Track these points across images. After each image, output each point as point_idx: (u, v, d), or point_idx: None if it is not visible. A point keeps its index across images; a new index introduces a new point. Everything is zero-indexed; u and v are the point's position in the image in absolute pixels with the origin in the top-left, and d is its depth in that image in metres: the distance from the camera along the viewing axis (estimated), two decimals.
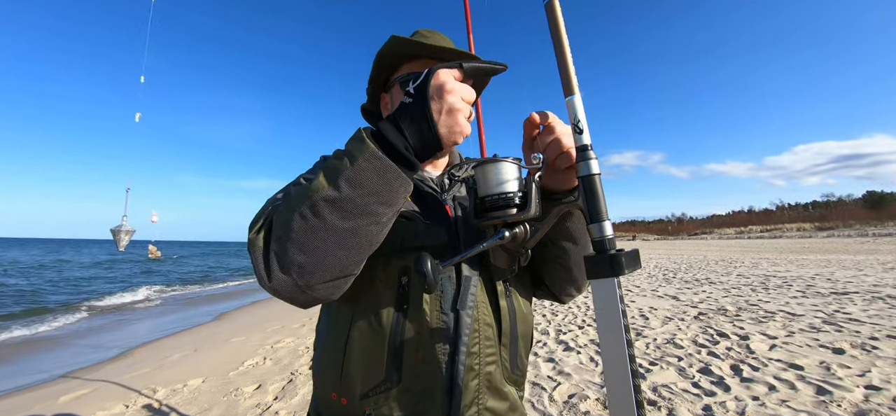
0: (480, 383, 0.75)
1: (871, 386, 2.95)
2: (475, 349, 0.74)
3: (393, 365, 0.73)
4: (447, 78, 0.56)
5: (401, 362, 0.73)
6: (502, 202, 0.57)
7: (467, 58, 0.86)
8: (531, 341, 0.90)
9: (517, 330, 0.82)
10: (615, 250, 0.48)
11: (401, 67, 0.89)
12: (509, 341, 0.80)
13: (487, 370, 0.76)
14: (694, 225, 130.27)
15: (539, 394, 3.15)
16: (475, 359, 0.74)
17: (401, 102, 0.58)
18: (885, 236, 42.71)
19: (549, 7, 0.51)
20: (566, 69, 0.51)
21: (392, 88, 0.91)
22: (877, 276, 9.04)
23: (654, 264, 15.75)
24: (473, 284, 0.77)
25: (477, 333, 0.75)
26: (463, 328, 0.74)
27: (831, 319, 5.05)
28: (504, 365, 0.79)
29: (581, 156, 0.52)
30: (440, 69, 0.56)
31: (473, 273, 0.78)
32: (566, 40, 0.52)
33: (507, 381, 0.80)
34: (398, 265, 0.75)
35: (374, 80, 0.93)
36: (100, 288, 16.00)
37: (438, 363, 0.73)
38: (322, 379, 0.81)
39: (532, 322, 0.89)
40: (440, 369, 0.73)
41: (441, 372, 0.73)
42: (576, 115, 0.51)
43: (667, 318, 5.57)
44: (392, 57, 0.88)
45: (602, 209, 0.50)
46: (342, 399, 0.76)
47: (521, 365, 0.84)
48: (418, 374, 0.73)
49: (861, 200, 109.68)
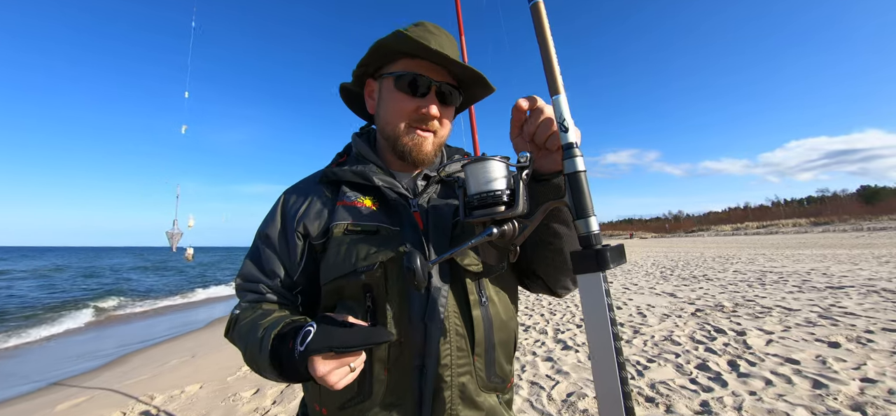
0: (453, 394, 0.75)
1: (866, 379, 2.98)
2: (446, 361, 0.75)
3: (364, 380, 0.75)
4: (324, 371, 0.64)
5: (371, 376, 0.75)
6: (490, 200, 0.58)
7: (461, 68, 0.85)
8: (514, 346, 0.90)
9: (493, 338, 0.82)
10: (601, 245, 0.49)
11: (398, 61, 0.87)
12: (484, 350, 0.80)
13: (460, 381, 0.76)
14: (691, 222, 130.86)
15: (538, 393, 3.16)
16: (446, 370, 0.75)
17: (287, 355, 0.68)
18: (879, 229, 43.00)
19: (535, 8, 0.52)
20: (551, 69, 0.52)
21: (383, 79, 0.89)
22: (872, 270, 9.10)
23: (651, 261, 15.80)
24: (443, 295, 0.77)
25: (448, 344, 0.75)
26: (431, 340, 0.75)
27: (827, 313, 5.09)
28: (479, 375, 0.79)
29: (567, 153, 0.53)
30: (317, 362, 0.64)
31: (443, 285, 0.78)
32: (551, 41, 0.53)
33: (483, 390, 0.80)
34: (360, 283, 0.77)
35: (367, 64, 0.91)
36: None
37: (408, 376, 0.75)
38: (307, 391, 0.86)
39: (515, 326, 0.89)
40: (411, 382, 0.75)
41: (411, 384, 0.75)
42: (561, 114, 0.52)
43: (664, 315, 5.59)
44: (393, 51, 0.86)
45: (588, 205, 0.50)
46: (323, 411, 0.80)
47: (500, 372, 0.84)
48: (389, 387, 0.75)
49: (855, 195, 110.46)
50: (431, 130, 0.87)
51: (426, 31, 0.86)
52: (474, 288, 0.80)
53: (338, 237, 0.81)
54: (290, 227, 0.86)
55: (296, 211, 0.87)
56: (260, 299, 0.86)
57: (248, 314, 0.82)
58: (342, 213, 0.83)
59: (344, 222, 0.82)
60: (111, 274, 27.23)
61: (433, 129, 0.87)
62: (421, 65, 0.85)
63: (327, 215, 0.85)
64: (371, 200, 0.86)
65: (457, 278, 0.80)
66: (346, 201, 0.85)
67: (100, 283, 21.33)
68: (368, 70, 0.93)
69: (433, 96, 0.85)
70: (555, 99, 0.53)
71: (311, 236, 0.84)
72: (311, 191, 0.90)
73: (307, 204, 0.87)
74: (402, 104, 0.85)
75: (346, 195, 0.86)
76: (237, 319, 0.84)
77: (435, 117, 0.85)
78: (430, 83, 0.84)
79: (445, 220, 0.84)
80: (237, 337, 0.82)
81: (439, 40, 0.85)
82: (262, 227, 0.89)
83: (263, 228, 0.89)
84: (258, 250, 0.88)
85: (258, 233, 0.90)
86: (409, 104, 0.85)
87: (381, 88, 0.90)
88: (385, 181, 0.86)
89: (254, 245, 0.90)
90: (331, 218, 0.84)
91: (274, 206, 0.91)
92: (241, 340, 0.79)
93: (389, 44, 0.83)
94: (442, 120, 0.88)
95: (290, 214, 0.87)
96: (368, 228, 0.81)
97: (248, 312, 0.84)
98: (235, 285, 0.90)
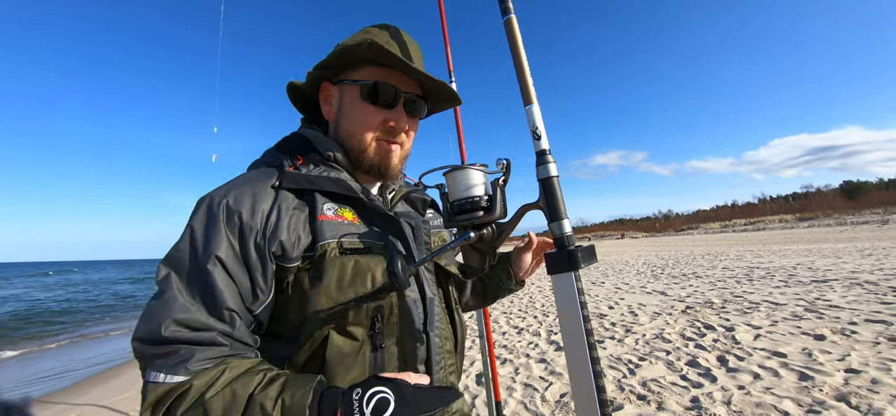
0: None
1: (850, 369, 3.05)
2: (440, 364, 0.79)
3: None
4: None
5: None
6: (470, 205, 0.60)
7: (428, 79, 0.81)
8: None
9: (464, 339, 0.90)
10: (573, 246, 0.52)
11: (363, 68, 0.80)
12: (462, 349, 0.88)
13: (450, 381, 0.81)
14: (680, 221, 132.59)
15: (531, 395, 3.18)
16: (441, 372, 0.79)
17: None
18: (862, 223, 44.04)
19: (508, 23, 0.55)
20: (524, 81, 0.55)
21: (345, 86, 0.82)
22: (855, 263, 9.33)
23: (642, 260, 15.97)
24: (436, 303, 0.81)
25: (440, 348, 0.79)
26: (434, 348, 0.78)
27: (812, 306, 5.20)
28: (458, 373, 0.86)
29: (540, 160, 0.55)
30: None
31: (435, 294, 0.81)
32: (524, 54, 0.56)
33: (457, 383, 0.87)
34: (371, 308, 0.71)
35: (327, 67, 0.81)
36: None
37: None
38: None
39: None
40: None
41: None
42: (534, 122, 0.55)
43: (655, 313, 5.66)
44: (359, 57, 0.78)
45: (560, 209, 0.53)
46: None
47: (462, 367, 0.93)
48: None
49: (838, 190, 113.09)
50: (398, 143, 0.83)
51: (396, 37, 0.82)
52: (454, 292, 0.88)
53: (334, 257, 0.69)
54: (252, 244, 0.65)
55: (258, 223, 0.66)
56: (221, 356, 0.60)
57: (218, 382, 0.56)
58: (329, 228, 0.72)
59: (334, 240, 0.70)
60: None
61: (400, 141, 0.84)
62: (389, 74, 0.79)
63: (308, 231, 0.71)
64: (351, 214, 0.77)
65: (440, 284, 0.85)
66: (328, 215, 0.73)
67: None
68: (327, 73, 0.84)
69: (401, 108, 0.81)
70: (528, 108, 0.56)
71: (288, 255, 0.67)
72: (268, 197, 0.70)
73: (273, 215, 0.68)
74: (369, 116, 0.79)
75: (324, 208, 0.74)
76: (199, 396, 0.55)
77: (403, 130, 0.82)
78: (399, 94, 0.80)
79: (423, 231, 0.85)
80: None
81: (408, 50, 0.81)
82: (203, 247, 0.63)
83: (207, 248, 0.63)
84: (206, 281, 0.61)
85: (199, 258, 0.62)
86: (377, 116, 0.79)
87: (342, 95, 0.83)
88: (369, 198, 0.79)
89: (193, 276, 0.62)
90: (317, 234, 0.70)
91: (213, 217, 0.65)
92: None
93: (358, 51, 0.75)
94: (408, 132, 0.85)
95: (248, 227, 0.65)
96: (366, 245, 0.74)
97: (213, 376, 0.57)
98: (154, 346, 0.57)
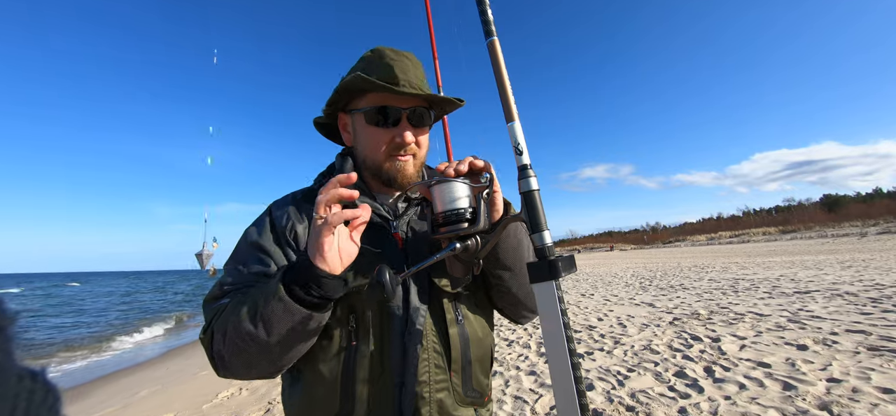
0: (432, 409, 0.79)
1: (832, 379, 3.12)
2: (424, 378, 0.78)
3: (346, 398, 0.77)
4: (327, 237, 0.68)
5: (354, 394, 0.77)
6: (454, 217, 0.62)
7: (426, 98, 0.89)
8: (490, 361, 0.94)
9: (470, 355, 0.85)
10: (554, 256, 0.54)
11: (365, 96, 0.89)
12: (460, 366, 0.84)
13: (438, 397, 0.80)
14: (667, 233, 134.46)
15: (521, 407, 3.18)
16: (425, 387, 0.78)
17: (298, 265, 0.70)
18: (842, 236, 45.25)
19: (491, 45, 0.58)
20: (506, 99, 0.58)
21: (354, 114, 0.91)
22: (835, 274, 9.57)
23: (631, 272, 16.14)
24: (421, 314, 0.81)
25: (426, 362, 0.79)
26: (410, 359, 0.78)
27: (795, 317, 5.31)
28: (455, 391, 0.83)
29: (522, 174, 0.58)
30: (324, 237, 0.67)
31: (422, 305, 0.82)
32: (506, 74, 0.58)
33: (460, 404, 0.84)
34: (346, 304, 0.79)
35: (335, 102, 0.93)
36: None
37: (389, 394, 0.78)
38: (289, 411, 0.85)
39: (490, 343, 0.93)
40: (391, 399, 0.78)
41: (392, 402, 0.78)
42: (516, 138, 0.57)
43: (643, 325, 5.72)
44: (358, 88, 0.87)
45: (541, 221, 0.56)
46: None
47: (478, 386, 0.88)
48: (370, 405, 0.77)
49: (819, 204, 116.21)
50: (410, 154, 0.89)
51: (387, 59, 0.87)
52: (451, 308, 0.84)
53: None
54: (283, 239, 0.85)
55: (287, 224, 0.86)
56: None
57: (237, 297, 0.76)
58: None
59: None
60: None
61: (412, 152, 0.89)
62: (388, 97, 0.86)
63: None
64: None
65: (434, 298, 0.84)
66: None
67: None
68: (338, 106, 0.95)
69: (405, 123, 0.87)
70: (510, 126, 0.58)
71: (301, 252, 0.83)
72: (298, 207, 0.89)
73: (297, 220, 0.87)
74: (377, 137, 0.87)
75: None
76: (221, 309, 0.77)
77: (411, 142, 0.87)
78: (401, 112, 0.86)
79: (423, 241, 0.87)
80: (223, 320, 0.74)
81: (402, 66, 0.86)
82: (252, 236, 0.86)
83: (254, 237, 0.85)
84: (248, 257, 0.83)
85: (248, 243, 0.85)
86: (384, 136, 0.87)
87: (354, 123, 0.92)
88: (372, 203, 0.87)
89: (240, 255, 0.85)
90: None
91: (262, 218, 0.89)
92: (232, 314, 0.72)
93: (353, 84, 0.85)
94: (419, 142, 0.90)
95: (282, 226, 0.86)
96: (360, 250, 0.79)
97: (235, 298, 0.77)
98: (214, 293, 0.81)
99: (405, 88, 0.83)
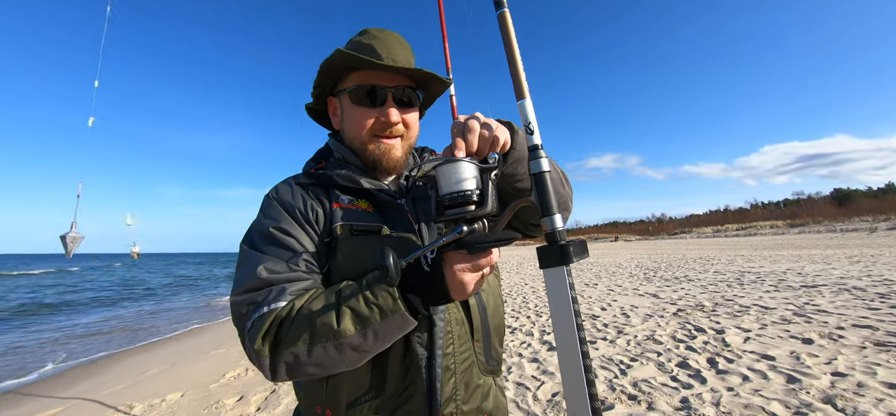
0: (458, 380, 0.79)
1: (837, 373, 3.10)
2: (450, 350, 0.78)
3: (377, 375, 0.76)
4: (462, 272, 0.63)
5: (386, 371, 0.76)
6: (461, 200, 0.60)
7: (412, 73, 0.86)
8: (503, 331, 0.94)
9: (489, 324, 0.86)
10: (565, 241, 0.52)
11: (349, 76, 0.87)
12: (482, 335, 0.85)
13: (464, 367, 0.80)
14: (673, 225, 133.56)
15: (523, 394, 3.19)
16: (451, 359, 0.78)
17: (420, 274, 0.68)
18: (851, 231, 44.68)
19: (502, 17, 0.55)
20: (517, 75, 0.55)
21: (341, 95, 0.90)
22: (843, 269, 9.46)
23: (635, 263, 16.08)
24: None
25: (450, 334, 0.79)
26: (437, 332, 0.77)
27: (801, 311, 5.27)
28: (479, 360, 0.84)
29: (533, 155, 0.55)
30: (454, 262, 0.63)
31: None
32: (517, 48, 0.56)
33: (483, 373, 0.85)
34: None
35: (321, 85, 0.92)
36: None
37: (419, 368, 0.77)
38: (306, 394, 0.84)
39: (503, 313, 0.94)
40: (420, 372, 0.77)
41: (421, 376, 0.77)
42: (527, 116, 0.55)
43: (647, 315, 5.70)
44: (340, 68, 0.86)
45: (552, 204, 0.53)
46: (327, 411, 0.79)
47: (495, 355, 0.89)
48: (401, 380, 0.77)
49: (829, 198, 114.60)
50: (397, 135, 0.88)
51: (372, 38, 0.86)
52: None
53: (344, 236, 0.79)
54: (303, 218, 0.81)
55: (299, 206, 0.82)
56: (305, 288, 0.75)
57: (304, 301, 0.70)
58: (341, 213, 0.82)
59: (346, 222, 0.81)
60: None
61: (398, 134, 0.88)
62: (372, 75, 0.85)
63: (325, 216, 0.83)
64: (365, 203, 0.85)
65: None
66: (342, 203, 0.84)
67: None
68: (325, 89, 0.93)
69: (390, 103, 0.86)
70: (520, 103, 0.56)
71: (320, 232, 0.81)
72: (303, 190, 0.86)
73: (306, 202, 0.83)
74: (362, 117, 0.86)
75: (340, 198, 0.85)
76: (286, 315, 0.69)
77: (396, 123, 0.86)
78: (386, 91, 0.85)
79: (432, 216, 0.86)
80: (298, 328, 0.67)
81: (386, 44, 0.85)
82: (269, 222, 0.80)
83: (273, 223, 0.80)
84: (277, 244, 0.77)
85: (266, 230, 0.79)
86: (369, 116, 0.85)
87: (341, 105, 0.91)
88: (373, 184, 0.86)
89: (263, 244, 0.78)
90: (330, 218, 0.82)
91: (270, 204, 0.84)
92: (320, 324, 0.66)
93: (335, 62, 0.83)
94: (406, 122, 0.89)
95: (295, 207, 0.82)
96: (372, 227, 0.81)
97: (309, 296, 0.72)
98: (255, 297, 0.72)
99: (388, 63, 0.81)
